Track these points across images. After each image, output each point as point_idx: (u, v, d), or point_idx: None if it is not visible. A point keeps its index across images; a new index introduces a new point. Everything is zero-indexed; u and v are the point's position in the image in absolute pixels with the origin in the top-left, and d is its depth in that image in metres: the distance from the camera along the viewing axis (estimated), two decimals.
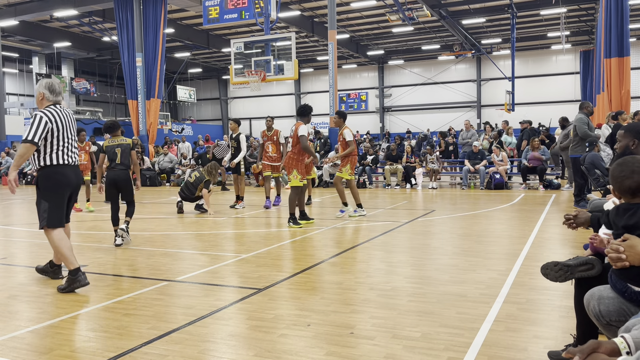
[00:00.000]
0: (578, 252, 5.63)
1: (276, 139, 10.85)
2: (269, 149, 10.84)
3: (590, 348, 1.67)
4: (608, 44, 14.68)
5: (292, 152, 8.64)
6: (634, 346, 1.68)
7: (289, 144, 9.92)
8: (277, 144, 10.83)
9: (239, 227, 8.53)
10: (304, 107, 8.90)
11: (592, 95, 24.16)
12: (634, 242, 2.13)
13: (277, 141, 10.83)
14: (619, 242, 2.16)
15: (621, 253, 2.12)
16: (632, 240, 2.14)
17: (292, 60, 15.20)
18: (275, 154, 10.86)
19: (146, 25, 21.31)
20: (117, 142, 7.21)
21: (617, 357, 1.64)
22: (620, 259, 2.13)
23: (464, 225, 8.06)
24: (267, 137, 10.94)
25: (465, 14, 26.68)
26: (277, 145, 10.83)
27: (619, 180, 2.37)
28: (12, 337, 3.48)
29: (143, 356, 3.10)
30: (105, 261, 5.89)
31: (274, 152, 10.85)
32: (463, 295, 4.19)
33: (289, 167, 8.61)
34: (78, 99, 36.40)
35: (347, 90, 38.11)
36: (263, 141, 10.95)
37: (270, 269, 5.31)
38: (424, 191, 14.48)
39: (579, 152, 9.60)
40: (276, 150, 10.85)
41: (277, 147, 10.83)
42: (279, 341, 3.29)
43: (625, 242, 2.14)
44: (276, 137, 10.85)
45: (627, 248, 2.12)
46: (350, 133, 9.11)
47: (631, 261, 2.11)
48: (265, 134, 11.00)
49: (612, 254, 2.16)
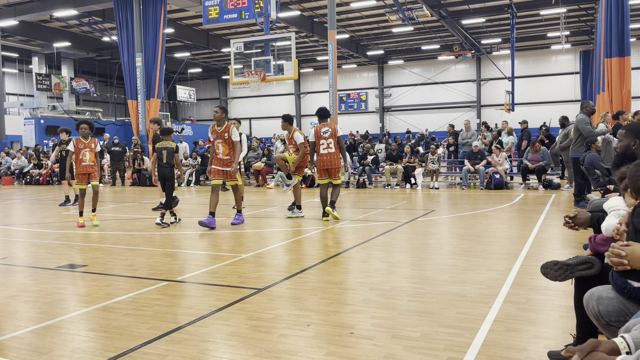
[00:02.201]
0: (578, 252, 5.63)
1: (228, 136, 8.29)
2: (219, 150, 8.36)
3: (589, 347, 1.67)
4: (608, 44, 14.68)
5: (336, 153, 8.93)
6: (634, 346, 1.68)
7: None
8: (229, 142, 8.33)
9: (239, 227, 8.52)
10: (327, 109, 9.22)
11: (592, 95, 24.17)
12: (636, 248, 2.12)
13: (229, 139, 8.32)
14: (620, 247, 2.15)
15: (623, 258, 2.12)
16: (634, 246, 2.13)
17: (292, 60, 15.19)
18: (228, 155, 8.35)
19: (146, 25, 21.31)
20: (165, 145, 8.86)
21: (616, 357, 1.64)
22: (621, 264, 2.13)
23: (464, 225, 8.06)
24: (217, 134, 8.34)
25: (465, 14, 26.69)
26: (230, 144, 8.32)
27: (634, 180, 2.40)
28: (12, 337, 3.48)
29: (143, 356, 3.10)
30: (105, 261, 5.89)
31: (226, 153, 8.36)
32: (463, 295, 4.19)
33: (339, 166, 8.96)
34: (78, 99, 36.43)
35: (347, 90, 38.13)
36: (212, 139, 8.45)
37: (270, 269, 5.31)
38: (424, 191, 14.48)
39: (580, 152, 9.59)
40: (228, 151, 8.36)
41: (229, 146, 8.33)
42: (278, 341, 3.29)
43: (627, 247, 2.13)
44: (228, 134, 8.29)
45: (629, 253, 2.11)
46: (301, 136, 9.16)
47: (632, 266, 2.11)
48: (215, 130, 8.37)
49: (613, 259, 2.15)
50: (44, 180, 21.30)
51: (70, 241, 7.24)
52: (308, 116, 40.16)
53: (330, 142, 8.89)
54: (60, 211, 11.19)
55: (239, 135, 8.62)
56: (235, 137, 8.28)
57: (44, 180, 21.29)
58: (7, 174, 22.54)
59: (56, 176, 20.81)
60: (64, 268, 5.53)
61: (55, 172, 21.08)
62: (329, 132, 8.90)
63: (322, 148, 8.94)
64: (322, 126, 8.99)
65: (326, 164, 8.93)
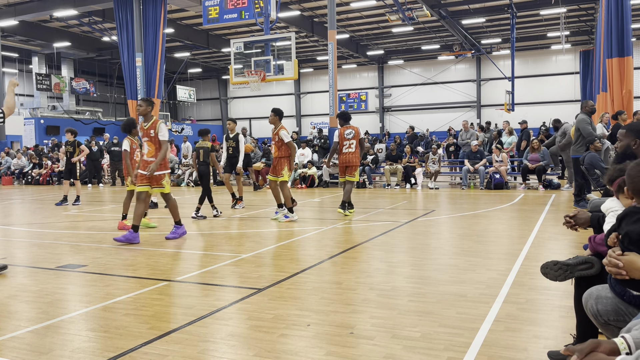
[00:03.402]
0: (578, 252, 5.63)
1: (154, 133, 7.15)
2: (145, 150, 7.28)
3: (589, 347, 1.66)
4: (609, 44, 14.67)
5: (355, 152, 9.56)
6: (634, 346, 1.68)
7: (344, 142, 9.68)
8: (155, 141, 7.18)
9: (239, 227, 8.53)
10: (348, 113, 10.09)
11: (592, 95, 24.16)
12: (633, 259, 2.09)
13: (155, 137, 7.16)
14: (617, 257, 2.13)
15: (620, 269, 2.10)
16: (631, 256, 2.10)
17: (292, 60, 15.19)
18: (153, 157, 7.17)
19: (146, 25, 21.30)
20: (202, 145, 9.72)
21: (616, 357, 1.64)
22: (619, 273, 2.11)
23: (464, 225, 8.06)
24: (143, 132, 7.31)
25: (465, 14, 26.68)
26: (156, 143, 7.18)
27: (635, 180, 2.29)
28: (12, 337, 3.48)
29: (143, 356, 3.10)
30: (105, 261, 5.89)
31: (151, 154, 7.19)
32: (463, 295, 4.19)
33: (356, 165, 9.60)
34: (78, 99, 36.42)
35: (347, 90, 38.11)
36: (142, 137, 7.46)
37: (270, 269, 5.31)
38: (424, 191, 14.48)
39: (580, 152, 9.59)
40: (154, 152, 7.20)
41: (155, 145, 7.19)
42: (278, 341, 3.29)
43: (624, 258, 2.11)
44: (154, 131, 7.15)
45: (627, 263, 2.09)
46: (287, 134, 9.02)
47: (631, 276, 2.09)
48: (142, 127, 7.33)
49: (611, 269, 2.14)
50: (44, 180, 21.30)
51: (70, 241, 7.24)
52: (308, 116, 40.14)
53: (352, 142, 9.63)
54: (60, 211, 11.19)
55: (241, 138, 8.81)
56: (162, 136, 7.16)
57: (44, 180, 21.30)
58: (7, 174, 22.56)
59: (56, 176, 20.84)
60: (64, 268, 5.53)
61: (55, 172, 21.11)
62: (352, 133, 9.65)
63: (345, 148, 9.66)
64: (345, 128, 9.72)
65: (345, 162, 9.65)
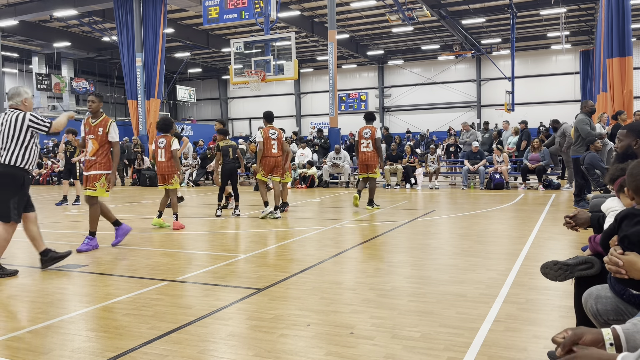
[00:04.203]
0: (578, 252, 5.64)
1: (102, 132, 6.54)
2: (88, 148, 6.66)
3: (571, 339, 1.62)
4: (609, 44, 14.67)
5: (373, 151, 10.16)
6: (624, 337, 1.65)
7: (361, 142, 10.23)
8: (100, 140, 6.56)
9: (239, 227, 8.53)
10: (373, 113, 10.62)
11: (592, 95, 24.17)
12: (634, 259, 2.08)
13: (103, 136, 6.55)
14: (618, 256, 2.13)
15: (620, 268, 2.10)
16: (631, 257, 2.10)
17: (292, 60, 15.20)
18: (95, 155, 6.58)
19: (146, 25, 21.32)
20: (229, 143, 9.79)
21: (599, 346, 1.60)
22: (619, 272, 2.11)
23: (464, 225, 8.06)
24: (90, 128, 6.60)
25: (465, 14, 26.69)
26: (101, 142, 6.57)
27: (636, 179, 2.26)
28: (12, 337, 3.48)
29: (143, 356, 3.10)
30: (105, 261, 5.89)
31: (93, 152, 6.57)
32: (463, 295, 4.19)
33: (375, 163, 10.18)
34: (78, 99, 36.41)
35: (347, 90, 38.10)
36: (84, 133, 6.67)
37: (270, 269, 5.31)
38: (424, 191, 14.48)
39: (580, 152, 9.60)
40: (97, 150, 6.57)
41: (100, 144, 6.57)
42: (278, 341, 3.29)
43: (625, 257, 2.10)
44: (103, 130, 6.54)
45: (627, 263, 2.08)
46: (261, 136, 9.41)
47: (630, 276, 2.08)
48: (88, 123, 6.64)
49: (611, 267, 2.14)
50: (44, 180, 21.30)
51: (70, 241, 7.24)
52: (308, 116, 40.16)
53: (369, 142, 10.24)
54: (60, 211, 11.19)
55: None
56: (112, 137, 6.58)
57: (44, 180, 21.29)
58: None
59: (56, 176, 20.83)
60: (64, 268, 5.53)
61: (55, 172, 21.10)
62: (369, 133, 10.28)
63: (363, 147, 10.28)
64: (364, 128, 10.38)
65: (364, 160, 10.27)
